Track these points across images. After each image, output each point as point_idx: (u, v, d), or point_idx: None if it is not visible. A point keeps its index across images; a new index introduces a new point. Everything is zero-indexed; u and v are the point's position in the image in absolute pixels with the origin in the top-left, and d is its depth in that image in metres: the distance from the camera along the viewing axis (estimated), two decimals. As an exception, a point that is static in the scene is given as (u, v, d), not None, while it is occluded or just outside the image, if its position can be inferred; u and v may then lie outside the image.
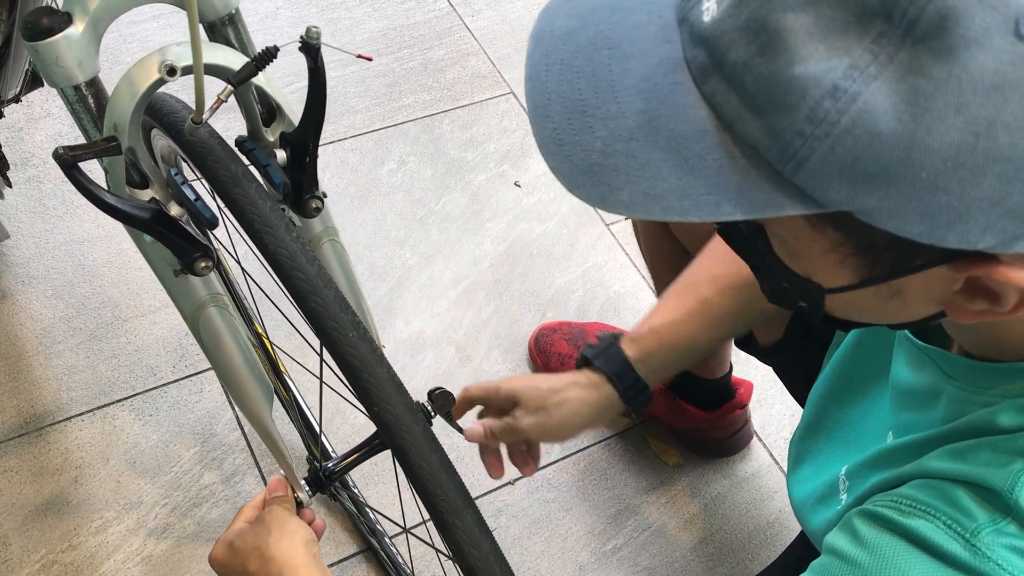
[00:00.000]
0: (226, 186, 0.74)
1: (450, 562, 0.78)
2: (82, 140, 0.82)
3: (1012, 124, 0.43)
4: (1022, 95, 0.43)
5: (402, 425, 0.72)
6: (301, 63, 0.74)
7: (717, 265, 0.98)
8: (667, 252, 1.22)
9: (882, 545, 0.60)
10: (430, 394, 0.95)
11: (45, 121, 1.76)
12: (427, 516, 0.75)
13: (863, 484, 0.73)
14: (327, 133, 1.82)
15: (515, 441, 0.99)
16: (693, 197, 0.48)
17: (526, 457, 1.03)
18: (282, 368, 1.37)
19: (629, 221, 1.75)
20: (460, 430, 0.98)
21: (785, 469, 1.48)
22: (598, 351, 0.98)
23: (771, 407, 1.54)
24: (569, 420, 0.96)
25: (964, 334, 0.65)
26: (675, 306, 0.99)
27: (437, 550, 0.99)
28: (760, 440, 1.51)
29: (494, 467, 1.03)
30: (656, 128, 0.49)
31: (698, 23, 0.49)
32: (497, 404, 0.99)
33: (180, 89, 0.85)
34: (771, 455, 1.50)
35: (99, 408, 1.44)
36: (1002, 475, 0.57)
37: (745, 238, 0.59)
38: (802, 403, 1.15)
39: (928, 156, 0.44)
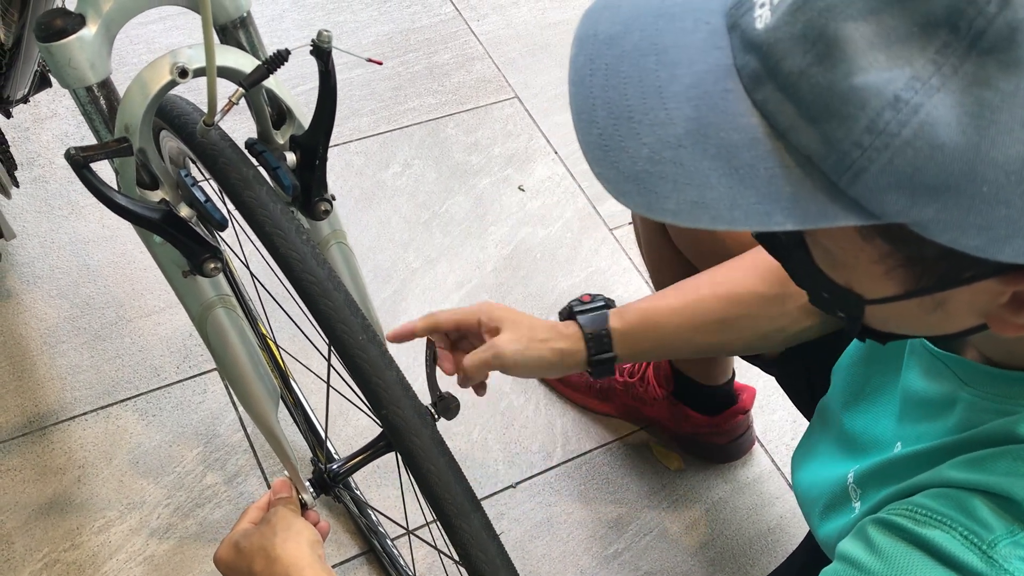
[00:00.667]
0: (237, 188, 0.75)
1: (453, 564, 0.78)
2: (89, 140, 0.83)
3: None
4: None
5: (411, 428, 0.72)
6: (308, 65, 0.74)
7: (723, 276, 0.98)
8: (668, 262, 1.23)
9: (896, 555, 0.59)
10: (434, 399, 0.95)
11: (51, 121, 1.77)
12: (430, 518, 0.75)
13: (877, 493, 0.72)
14: (332, 136, 1.83)
15: (488, 367, 0.98)
16: (744, 207, 0.47)
17: (484, 385, 1.03)
18: (287, 370, 1.38)
19: (632, 226, 1.76)
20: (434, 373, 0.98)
21: (787, 475, 1.48)
22: (585, 309, 0.99)
23: (773, 413, 1.55)
24: (541, 358, 0.97)
25: (993, 343, 0.64)
26: (670, 296, 0.99)
27: (440, 551, 0.99)
28: (762, 445, 1.52)
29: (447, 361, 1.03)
30: (706, 136, 0.48)
31: (750, 30, 0.48)
32: (473, 330, 0.99)
33: (188, 91, 0.86)
34: (773, 460, 1.50)
35: (103, 408, 1.44)
36: (1021, 484, 0.57)
37: (784, 248, 0.59)
38: (806, 413, 1.15)
39: (992, 169, 0.44)
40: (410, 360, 1.54)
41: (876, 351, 0.83)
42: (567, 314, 1.01)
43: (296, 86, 1.83)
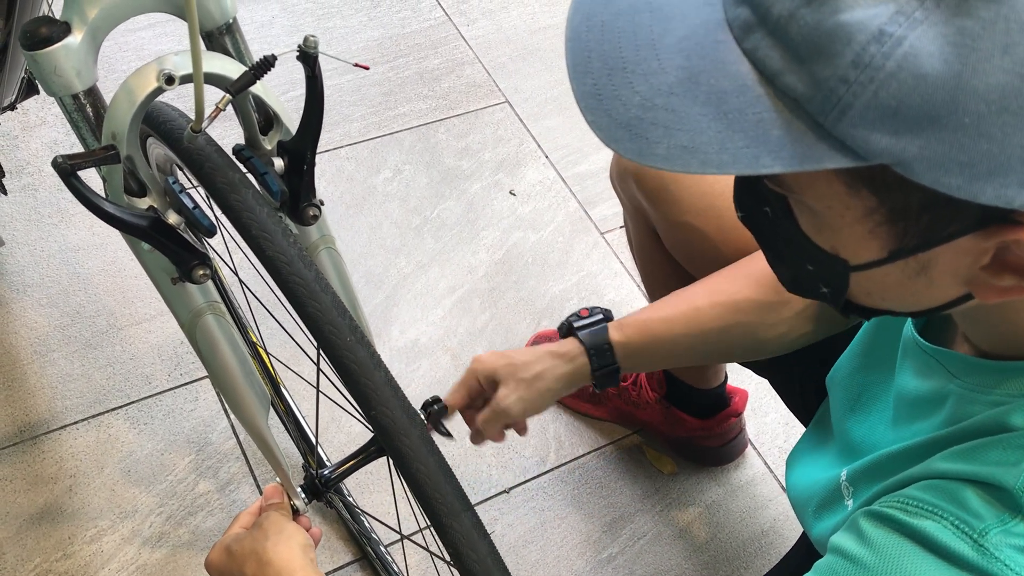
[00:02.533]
0: (223, 193, 0.75)
1: (447, 568, 0.78)
2: (78, 148, 0.82)
3: None
4: None
5: (400, 429, 0.72)
6: (297, 71, 0.74)
7: (720, 284, 0.99)
8: (660, 267, 1.23)
9: (888, 546, 0.60)
10: (425, 406, 0.95)
11: (40, 129, 1.76)
12: (423, 524, 0.75)
13: (869, 489, 0.72)
14: (322, 142, 1.82)
15: (499, 423, 1.00)
16: (732, 150, 0.48)
17: (503, 433, 1.04)
18: (277, 377, 1.37)
19: (624, 230, 1.76)
20: (450, 435, 0.99)
21: (780, 477, 1.48)
22: (585, 324, 0.99)
23: (766, 416, 1.55)
24: (546, 393, 0.98)
25: (978, 327, 0.64)
26: (668, 306, 1.00)
27: (433, 555, 0.99)
28: (755, 448, 1.52)
29: (477, 437, 1.04)
30: (696, 83, 0.49)
31: None
32: (479, 393, 1.00)
33: (175, 98, 0.86)
34: (765, 463, 1.50)
35: (94, 417, 1.43)
36: (1013, 473, 0.57)
37: (770, 220, 0.59)
38: (799, 416, 1.15)
39: (973, 99, 0.44)
40: (402, 368, 1.54)
41: (871, 359, 0.83)
42: (566, 330, 1.01)
43: (286, 92, 1.83)
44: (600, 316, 0.99)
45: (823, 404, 0.95)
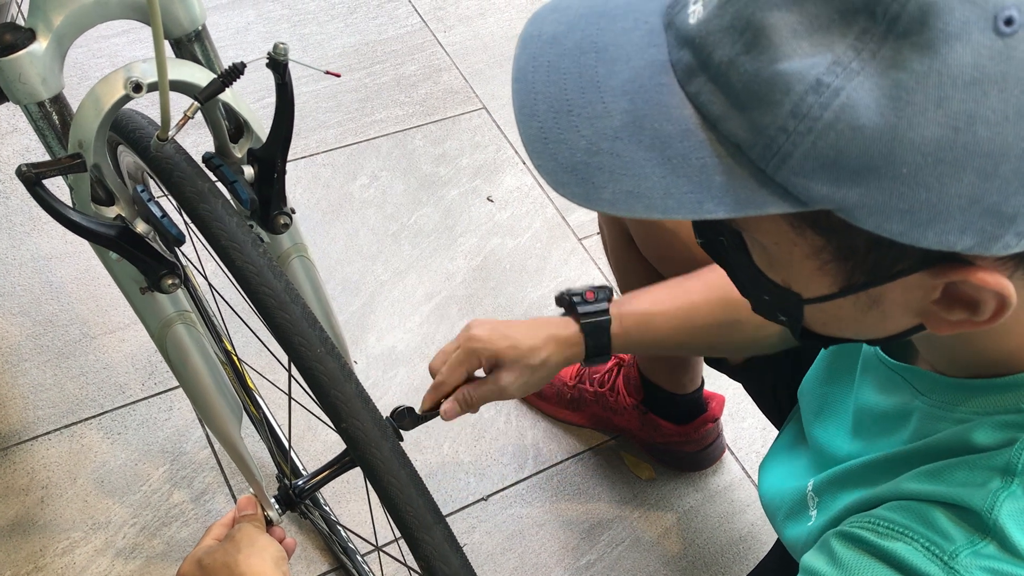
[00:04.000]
0: (192, 202, 0.74)
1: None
2: (48, 156, 0.81)
3: (991, 119, 0.44)
4: (1000, 90, 0.43)
5: (371, 441, 0.71)
6: (271, 78, 0.73)
7: (716, 279, 0.99)
8: (634, 269, 1.23)
9: (860, 567, 0.59)
10: (393, 414, 0.95)
11: (11, 136, 1.75)
12: (399, 534, 0.74)
13: (834, 502, 0.72)
14: (298, 148, 1.82)
15: (492, 401, 0.98)
16: (676, 196, 0.48)
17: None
18: (251, 385, 1.36)
19: (600, 236, 1.76)
20: (427, 418, 0.98)
21: (756, 482, 1.48)
22: (589, 311, 0.98)
23: (743, 420, 1.55)
24: (546, 377, 0.98)
25: (937, 352, 0.65)
26: (666, 298, 1.00)
27: (409, 567, 0.98)
28: (732, 453, 1.52)
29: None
30: (641, 127, 0.49)
31: (684, 26, 0.50)
32: (474, 369, 0.99)
33: (149, 105, 0.85)
34: (743, 468, 1.50)
35: (66, 427, 1.42)
36: (980, 495, 0.57)
37: (725, 250, 0.60)
38: (773, 420, 1.15)
39: (909, 151, 0.44)
40: (379, 375, 1.53)
41: (832, 372, 0.84)
42: (567, 306, 0.99)
43: (261, 99, 1.82)
44: (605, 305, 0.98)
45: (794, 410, 0.95)
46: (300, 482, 0.95)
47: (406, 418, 0.96)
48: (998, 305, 0.51)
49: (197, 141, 1.62)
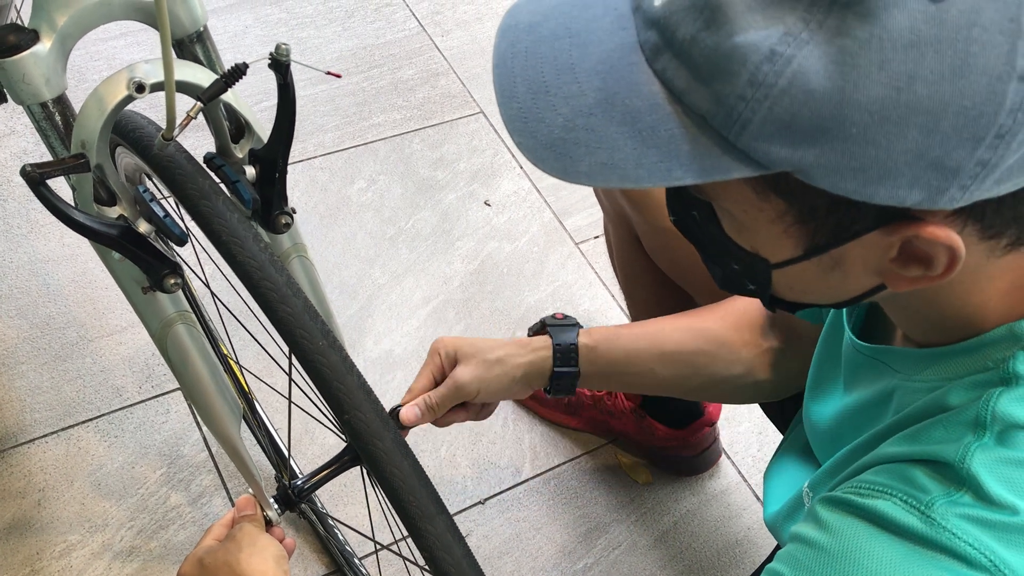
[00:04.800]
0: (194, 200, 0.74)
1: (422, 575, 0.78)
2: (48, 158, 0.82)
3: (929, 78, 0.47)
4: (936, 51, 0.46)
5: (373, 432, 0.71)
6: (271, 81, 0.74)
7: (690, 315, 1.02)
8: (642, 273, 1.23)
9: (843, 527, 0.62)
10: (393, 414, 0.95)
11: (10, 139, 1.75)
12: (398, 535, 0.74)
13: (825, 487, 0.74)
14: (296, 151, 1.82)
15: (452, 401, 0.97)
16: (647, 165, 0.52)
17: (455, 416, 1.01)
18: (247, 389, 1.36)
19: (600, 240, 1.76)
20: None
21: (754, 486, 1.49)
22: (557, 324, 1.00)
23: (739, 425, 1.55)
24: (503, 377, 0.96)
25: (907, 318, 0.68)
26: (638, 323, 1.02)
27: (408, 564, 0.98)
28: (729, 458, 1.52)
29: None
30: (613, 104, 0.53)
31: (650, 8, 0.54)
32: (442, 374, 0.98)
33: (148, 108, 0.85)
34: (740, 472, 1.51)
35: (64, 430, 1.42)
36: (953, 448, 0.59)
37: (697, 223, 0.63)
38: (775, 422, 1.16)
39: (857, 111, 0.48)
40: (376, 378, 1.53)
41: (818, 384, 0.85)
42: (538, 328, 1.01)
43: (260, 101, 1.83)
44: (575, 322, 1.00)
45: (796, 420, 0.96)
46: (299, 481, 0.95)
47: (396, 420, 0.96)
48: (950, 259, 0.54)
49: (196, 143, 1.62)
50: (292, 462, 1.38)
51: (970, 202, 0.51)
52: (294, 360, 0.75)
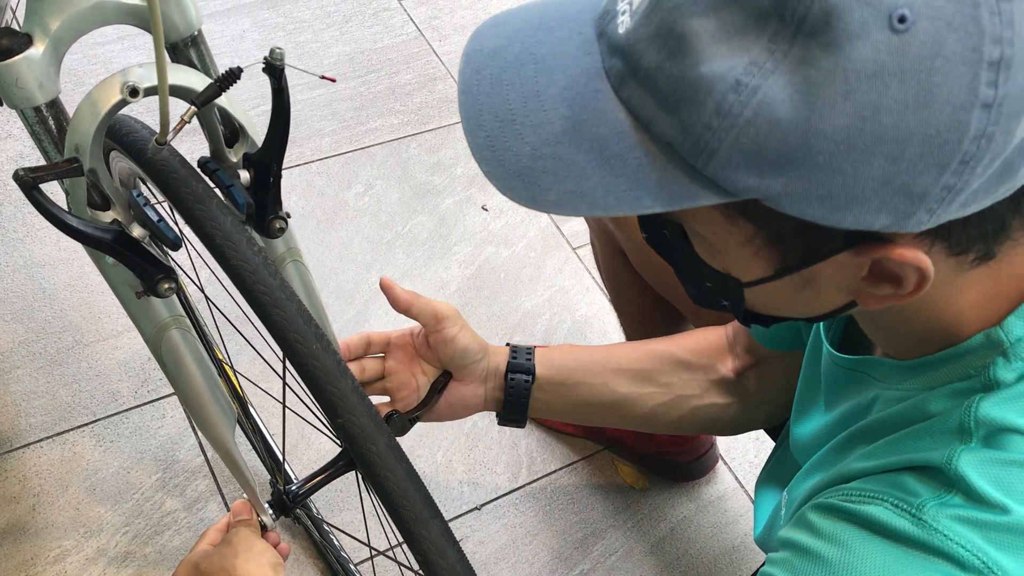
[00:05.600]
0: (187, 203, 0.74)
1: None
2: (43, 161, 0.81)
3: (893, 107, 0.47)
4: (899, 81, 0.47)
5: (367, 436, 0.71)
6: (267, 85, 0.74)
7: (650, 341, 1.02)
8: (629, 286, 1.23)
9: (836, 532, 0.62)
10: (386, 417, 0.94)
11: (5, 142, 1.74)
12: (393, 541, 0.74)
13: (800, 487, 0.75)
14: (293, 156, 1.82)
15: (428, 310, 0.97)
16: (616, 194, 0.52)
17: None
18: (242, 393, 1.36)
19: (592, 251, 1.76)
20: (412, 420, 0.97)
21: (750, 492, 1.48)
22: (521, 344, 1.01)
23: (737, 430, 1.55)
24: (470, 343, 0.96)
25: (883, 335, 0.68)
26: (593, 346, 1.03)
27: (401, 564, 0.98)
28: (725, 463, 1.52)
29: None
30: (580, 132, 0.53)
31: (614, 35, 0.53)
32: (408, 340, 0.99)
33: (143, 111, 0.85)
34: (736, 478, 1.50)
35: (59, 434, 1.41)
36: (939, 453, 0.60)
37: (670, 243, 0.63)
38: (768, 431, 1.16)
39: (823, 140, 0.48)
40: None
41: (801, 413, 0.85)
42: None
43: (256, 105, 1.83)
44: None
45: (782, 439, 0.96)
46: (294, 487, 0.95)
47: (393, 423, 0.95)
48: (919, 278, 0.55)
49: (191, 148, 1.62)
50: (287, 466, 1.38)
51: (937, 224, 0.51)
52: (288, 364, 0.74)
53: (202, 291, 1.02)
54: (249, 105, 1.85)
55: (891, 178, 0.49)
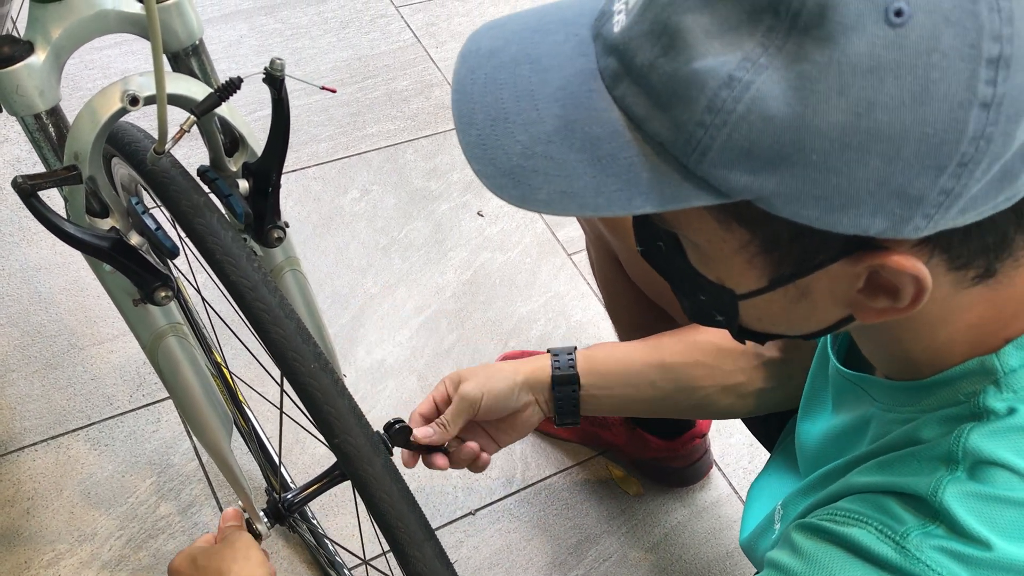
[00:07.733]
0: (187, 216, 0.74)
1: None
2: (41, 168, 0.82)
3: (889, 104, 0.46)
4: (895, 76, 0.46)
5: (363, 457, 0.72)
6: (264, 91, 0.74)
7: (685, 330, 1.01)
8: (624, 293, 1.24)
9: (819, 554, 0.62)
10: (387, 427, 0.95)
11: (3, 147, 1.74)
12: (387, 548, 0.74)
13: (794, 510, 0.75)
14: (290, 161, 1.82)
15: (464, 415, 0.98)
16: (607, 194, 0.52)
17: (478, 452, 1.03)
18: (241, 398, 1.36)
19: (587, 257, 1.77)
20: (419, 448, 0.98)
21: (744, 498, 1.49)
22: (559, 347, 1.02)
23: (730, 436, 1.55)
24: (502, 381, 0.97)
25: (878, 355, 0.68)
26: (634, 340, 1.02)
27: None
28: (719, 469, 1.52)
29: (440, 461, 1.03)
30: (572, 131, 0.52)
31: (609, 35, 0.53)
32: (445, 403, 1.00)
33: (141, 117, 0.85)
34: (730, 484, 1.51)
35: (53, 438, 1.41)
36: (926, 482, 0.59)
37: (663, 254, 0.63)
38: (762, 441, 1.16)
39: (817, 138, 0.47)
40: (368, 389, 1.53)
41: (808, 410, 0.85)
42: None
43: (253, 111, 1.83)
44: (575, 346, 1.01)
45: (782, 438, 0.96)
46: (289, 495, 0.95)
47: (401, 435, 0.95)
48: (916, 290, 0.54)
49: (189, 155, 1.63)
50: (283, 470, 1.38)
51: (935, 231, 0.50)
52: (285, 383, 0.75)
53: (199, 293, 1.02)
54: (247, 111, 1.85)
55: (887, 179, 0.48)
